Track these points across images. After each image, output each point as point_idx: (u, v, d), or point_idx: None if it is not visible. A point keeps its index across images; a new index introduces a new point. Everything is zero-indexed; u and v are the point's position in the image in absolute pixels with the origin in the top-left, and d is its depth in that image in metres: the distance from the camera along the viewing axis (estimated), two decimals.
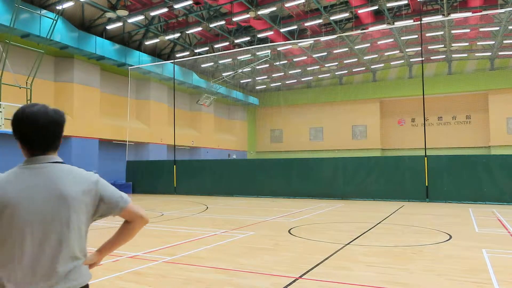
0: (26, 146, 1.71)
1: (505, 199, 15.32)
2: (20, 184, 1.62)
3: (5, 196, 1.58)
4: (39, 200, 1.63)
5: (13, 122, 1.71)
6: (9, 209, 1.57)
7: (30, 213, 1.60)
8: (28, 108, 1.71)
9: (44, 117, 1.71)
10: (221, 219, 11.58)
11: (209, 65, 33.47)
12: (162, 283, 5.14)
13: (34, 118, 1.69)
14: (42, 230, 1.62)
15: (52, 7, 20.74)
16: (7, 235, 1.57)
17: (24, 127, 1.69)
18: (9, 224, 1.57)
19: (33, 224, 1.61)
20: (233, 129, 40.62)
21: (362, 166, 18.20)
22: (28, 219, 1.60)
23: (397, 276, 5.32)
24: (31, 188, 1.63)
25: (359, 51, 32.15)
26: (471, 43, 31.36)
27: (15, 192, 1.60)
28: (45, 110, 1.72)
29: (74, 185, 1.70)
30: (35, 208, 1.61)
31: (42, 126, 1.70)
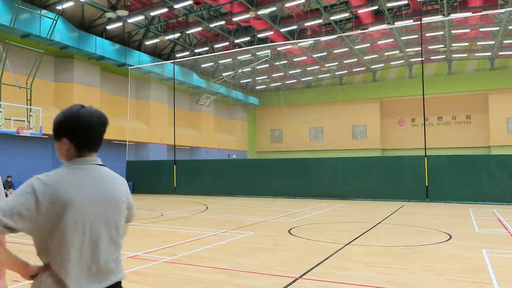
0: (76, 145, 1.75)
1: (505, 199, 15.32)
2: (77, 184, 1.68)
3: (67, 195, 1.62)
4: (95, 201, 1.70)
5: (67, 121, 1.74)
6: (70, 208, 1.62)
7: (88, 213, 1.67)
8: (82, 109, 1.76)
9: (97, 119, 1.78)
10: (221, 219, 11.58)
11: (209, 65, 33.46)
12: (162, 283, 5.14)
13: (90, 118, 1.75)
14: (98, 230, 1.70)
15: (52, 7, 20.74)
16: (68, 234, 1.62)
17: (82, 126, 1.73)
18: (69, 223, 1.62)
19: (91, 224, 1.68)
20: (233, 129, 40.62)
21: (362, 166, 18.19)
22: (87, 219, 1.66)
23: (397, 276, 5.31)
24: (87, 188, 1.69)
25: (359, 51, 32.15)
26: (471, 43, 31.36)
27: (74, 192, 1.65)
28: (98, 112, 1.79)
29: (122, 189, 1.84)
30: (92, 209, 1.69)
31: (96, 127, 1.77)
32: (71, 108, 1.77)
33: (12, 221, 1.54)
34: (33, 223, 1.58)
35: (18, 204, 1.56)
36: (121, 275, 1.81)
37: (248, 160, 29.50)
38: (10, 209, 1.55)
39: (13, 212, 1.54)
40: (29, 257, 1.80)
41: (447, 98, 35.30)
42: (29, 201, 1.57)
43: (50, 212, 1.59)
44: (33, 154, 21.30)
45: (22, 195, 1.58)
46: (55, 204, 1.60)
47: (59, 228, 1.61)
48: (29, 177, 1.67)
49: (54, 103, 22.37)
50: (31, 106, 17.21)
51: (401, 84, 37.30)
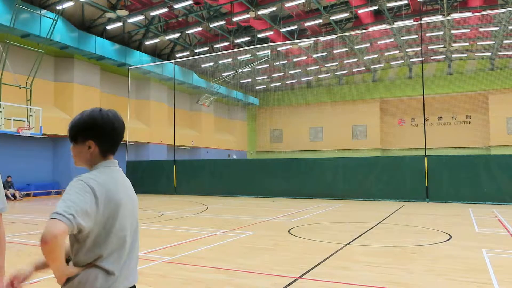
0: (104, 149, 1.80)
1: (505, 199, 15.32)
2: (120, 184, 1.77)
3: (118, 195, 1.71)
4: (131, 200, 1.81)
5: (94, 124, 1.77)
6: (122, 207, 1.71)
7: (131, 212, 1.79)
8: (110, 112, 1.84)
9: (122, 122, 1.86)
10: (221, 219, 11.58)
11: (209, 65, 33.46)
12: (162, 283, 5.14)
13: (118, 122, 1.83)
14: (135, 227, 1.83)
15: (52, 7, 20.74)
16: (121, 232, 1.70)
17: (110, 130, 1.79)
18: (122, 220, 1.71)
19: (132, 222, 1.80)
20: (233, 129, 40.62)
21: (362, 166, 18.19)
22: (131, 218, 1.78)
23: (397, 276, 5.32)
24: (125, 188, 1.80)
25: (359, 51, 32.15)
26: (471, 43, 31.36)
27: (121, 191, 1.74)
28: (119, 116, 1.88)
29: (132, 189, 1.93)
30: (131, 208, 1.80)
31: (122, 131, 1.85)
32: (98, 112, 1.81)
33: (83, 220, 1.55)
34: (93, 222, 1.61)
35: (83, 203, 1.57)
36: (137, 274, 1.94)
37: (248, 160, 29.50)
38: (80, 207, 1.55)
39: (83, 211, 1.56)
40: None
41: (447, 98, 35.30)
42: (90, 199, 1.60)
43: (105, 210, 1.64)
44: (33, 154, 21.30)
45: (83, 193, 1.59)
46: (110, 203, 1.66)
47: (115, 226, 1.68)
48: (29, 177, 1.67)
49: (54, 103, 22.37)
50: (31, 106, 17.22)
51: (401, 84, 37.30)
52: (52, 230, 1.45)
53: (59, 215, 1.49)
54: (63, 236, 1.48)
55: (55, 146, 22.46)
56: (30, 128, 16.57)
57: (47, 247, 1.46)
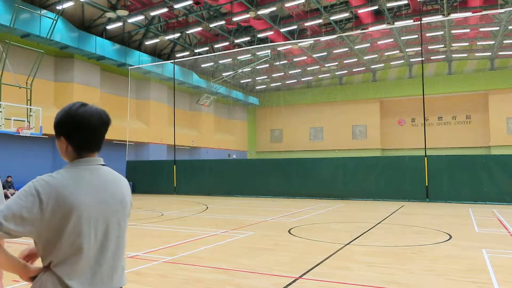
0: (76, 146, 1.69)
1: (505, 199, 15.32)
2: (83, 185, 1.62)
3: (73, 197, 1.57)
4: (102, 203, 1.65)
5: (65, 120, 1.68)
6: (77, 210, 1.57)
7: (95, 215, 1.62)
8: (82, 108, 1.69)
9: (99, 118, 1.71)
10: (221, 219, 11.57)
11: (209, 65, 33.47)
12: (162, 283, 5.13)
13: (90, 118, 1.68)
14: (105, 231, 1.65)
15: (52, 7, 20.74)
16: (75, 237, 1.57)
17: (79, 127, 1.67)
18: (76, 225, 1.57)
19: (98, 225, 1.63)
20: (233, 129, 40.61)
21: (362, 166, 18.19)
22: (93, 222, 1.61)
23: (397, 276, 5.31)
24: (93, 190, 1.64)
25: (359, 51, 32.15)
26: (471, 43, 31.36)
27: (80, 193, 1.59)
28: (98, 111, 1.72)
29: (125, 190, 1.78)
30: (98, 211, 1.63)
31: (97, 127, 1.70)
32: (71, 107, 1.71)
33: (14, 225, 1.48)
34: (35, 226, 1.52)
35: (20, 206, 1.50)
36: (123, 282, 1.77)
37: (248, 160, 29.49)
38: (12, 212, 1.48)
39: (15, 216, 1.48)
40: None
41: (447, 98, 35.29)
42: (31, 203, 1.51)
43: (56, 214, 1.54)
44: (33, 154, 21.30)
45: (24, 197, 1.52)
46: (61, 206, 1.54)
47: (66, 231, 1.56)
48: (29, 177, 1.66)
49: (54, 103, 22.37)
50: (31, 106, 17.21)
51: (401, 84, 37.29)
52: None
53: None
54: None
55: (55, 146, 22.36)
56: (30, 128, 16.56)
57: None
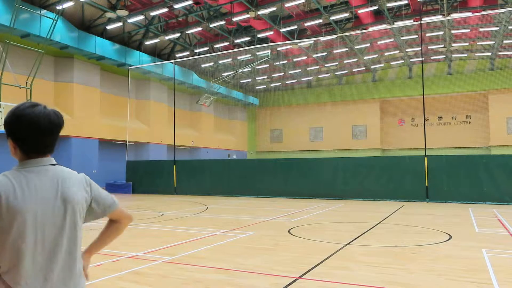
0: (22, 147, 1.62)
1: (505, 199, 15.31)
2: (28, 188, 1.55)
3: (16, 201, 1.51)
4: (48, 204, 1.58)
5: (10, 121, 1.60)
6: (21, 215, 1.51)
7: (40, 219, 1.55)
8: (29, 109, 1.60)
9: (46, 120, 1.61)
10: (221, 219, 11.57)
11: (209, 65, 33.47)
12: (162, 283, 5.13)
13: (36, 120, 1.59)
14: (54, 236, 1.58)
15: (52, 7, 20.74)
16: (19, 242, 1.51)
17: (24, 129, 1.59)
18: (21, 230, 1.51)
19: (45, 229, 1.56)
20: (233, 129, 40.62)
21: (362, 166, 18.18)
22: (39, 225, 1.55)
23: (397, 276, 5.31)
24: (39, 192, 1.57)
25: (359, 51, 32.15)
26: (471, 43, 31.37)
27: (25, 197, 1.53)
28: (46, 112, 1.62)
29: (76, 188, 1.68)
30: (45, 213, 1.57)
31: (44, 129, 1.61)
32: (18, 107, 1.61)
33: None
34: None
35: None
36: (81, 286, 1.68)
37: (248, 160, 29.49)
38: None
39: None
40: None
41: (447, 98, 35.30)
42: None
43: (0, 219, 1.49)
44: None
45: None
46: (6, 211, 1.49)
47: (10, 236, 1.49)
48: None
49: (54, 103, 22.37)
50: None
51: (401, 84, 37.30)
52: None
53: None
54: None
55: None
56: None
57: None
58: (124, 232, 1.99)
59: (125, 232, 2.06)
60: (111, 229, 1.92)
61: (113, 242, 2.05)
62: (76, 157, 22.22)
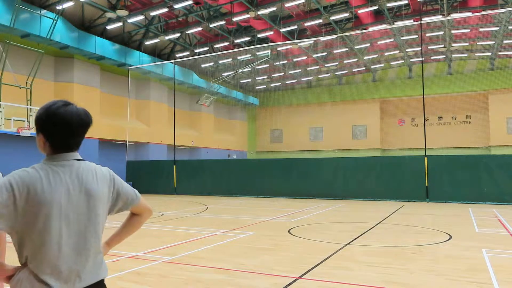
0: (53, 143, 1.70)
1: (505, 199, 15.32)
2: (55, 181, 1.63)
3: (45, 193, 1.58)
4: (73, 197, 1.66)
5: (44, 119, 1.69)
6: (47, 206, 1.58)
7: (67, 210, 1.63)
8: (63, 108, 1.70)
9: (78, 119, 1.73)
10: (221, 219, 11.58)
11: (209, 65, 33.47)
12: (162, 283, 5.13)
13: (69, 119, 1.70)
14: (78, 227, 1.67)
15: (52, 7, 20.73)
16: (45, 232, 1.58)
17: (57, 127, 1.69)
18: (46, 221, 1.58)
19: (70, 221, 1.64)
20: (233, 129, 40.61)
21: (362, 166, 18.19)
22: (65, 217, 1.63)
23: (397, 276, 5.31)
24: (64, 185, 1.65)
25: (359, 51, 32.15)
26: (471, 43, 31.36)
27: (53, 189, 1.61)
28: (78, 112, 1.74)
29: (100, 182, 1.77)
30: (70, 206, 1.65)
31: (76, 128, 1.72)
32: (51, 105, 1.71)
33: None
34: (11, 222, 1.54)
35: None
36: (103, 274, 1.77)
37: (248, 160, 29.49)
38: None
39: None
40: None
41: (447, 98, 35.30)
42: (6, 198, 1.52)
43: (28, 209, 1.55)
44: (33, 154, 21.25)
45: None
46: (33, 202, 1.56)
47: (38, 226, 1.57)
48: None
49: None
50: (31, 106, 17.22)
51: (401, 84, 37.30)
52: None
53: None
54: None
55: None
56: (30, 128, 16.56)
57: None
58: None
59: None
60: (132, 222, 2.02)
61: None
62: None
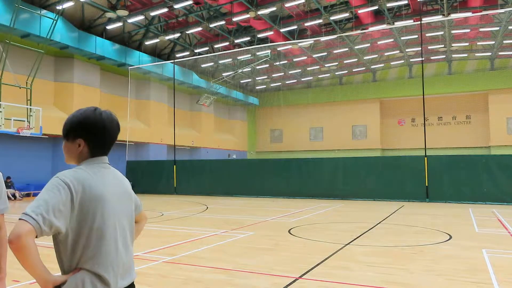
0: (96, 147, 1.77)
1: (505, 199, 15.32)
2: (104, 180, 1.70)
3: (98, 191, 1.64)
4: (120, 197, 1.76)
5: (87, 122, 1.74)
6: (103, 204, 1.64)
7: (117, 209, 1.72)
8: (104, 113, 1.80)
9: (116, 124, 1.84)
10: (221, 219, 11.58)
11: (209, 65, 33.46)
12: (162, 283, 5.13)
13: (111, 123, 1.80)
14: (124, 225, 1.76)
15: (52, 7, 20.74)
16: (105, 230, 1.63)
17: (102, 131, 1.76)
18: (104, 219, 1.64)
19: (120, 220, 1.73)
20: (233, 129, 40.61)
21: (362, 166, 18.19)
22: (116, 215, 1.71)
23: (397, 276, 5.31)
24: (112, 185, 1.73)
25: (359, 51, 32.15)
26: (471, 43, 31.36)
27: (104, 188, 1.67)
28: (115, 117, 1.85)
29: (130, 187, 1.90)
30: (118, 205, 1.73)
31: (114, 132, 1.82)
32: (91, 111, 1.78)
33: (56, 219, 1.50)
34: (67, 220, 1.56)
35: (55, 200, 1.51)
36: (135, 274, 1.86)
37: (248, 160, 29.49)
38: (52, 206, 1.49)
39: (55, 209, 1.50)
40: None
41: (447, 98, 35.29)
42: (65, 196, 1.55)
43: (83, 208, 1.59)
44: (33, 154, 21.30)
45: (57, 190, 1.54)
46: (88, 200, 1.60)
47: (95, 224, 1.61)
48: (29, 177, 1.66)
49: (54, 103, 22.37)
50: (31, 106, 17.21)
51: (401, 84, 37.30)
52: (16, 231, 1.43)
53: (26, 216, 1.46)
54: (28, 236, 1.43)
55: (55, 146, 22.47)
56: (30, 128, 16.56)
57: (12, 247, 1.44)
58: None
59: None
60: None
61: None
62: None
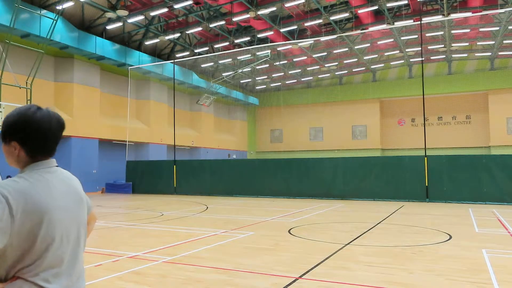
0: (31, 150, 1.61)
1: (505, 199, 15.32)
2: (49, 188, 1.57)
3: (42, 201, 1.52)
4: (69, 203, 1.63)
5: (20, 125, 1.59)
6: (48, 214, 1.52)
7: (64, 217, 1.59)
8: (39, 112, 1.61)
9: (57, 122, 1.65)
10: (221, 219, 11.57)
11: (209, 65, 33.47)
12: (162, 283, 5.13)
13: (49, 123, 1.62)
14: (75, 233, 1.64)
15: (52, 7, 20.74)
16: (49, 241, 1.53)
17: (38, 132, 1.60)
18: (49, 230, 1.53)
19: (68, 229, 1.60)
20: (233, 129, 40.62)
21: (362, 166, 18.19)
22: (63, 223, 1.58)
23: (397, 276, 5.31)
24: (59, 192, 1.60)
25: (359, 51, 32.15)
26: (471, 43, 31.36)
27: (48, 196, 1.55)
28: (56, 116, 1.67)
29: (81, 188, 1.75)
30: (66, 212, 1.61)
31: (55, 131, 1.64)
32: (26, 111, 1.60)
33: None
34: (7, 234, 1.44)
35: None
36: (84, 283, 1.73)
37: (248, 160, 29.49)
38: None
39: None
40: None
41: (447, 98, 35.31)
42: (1, 210, 1.42)
43: (26, 219, 1.47)
44: None
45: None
46: (31, 211, 1.48)
47: (39, 235, 1.50)
48: None
49: (54, 103, 22.36)
50: None
51: (401, 84, 37.31)
52: None
53: None
54: None
55: None
56: None
57: None
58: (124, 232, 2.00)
59: (125, 232, 2.09)
60: None
61: (113, 242, 2.07)
62: (76, 157, 22.22)
